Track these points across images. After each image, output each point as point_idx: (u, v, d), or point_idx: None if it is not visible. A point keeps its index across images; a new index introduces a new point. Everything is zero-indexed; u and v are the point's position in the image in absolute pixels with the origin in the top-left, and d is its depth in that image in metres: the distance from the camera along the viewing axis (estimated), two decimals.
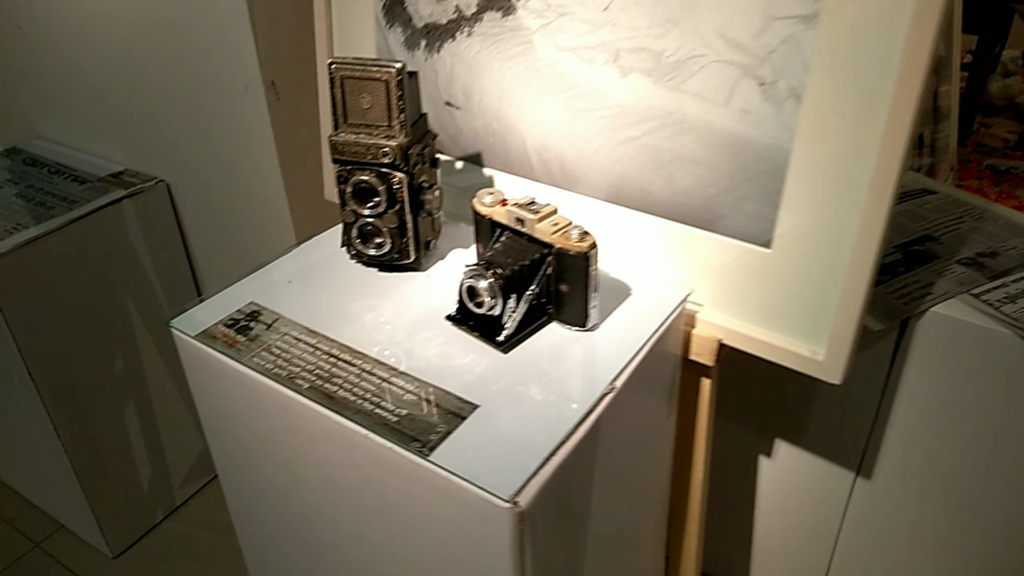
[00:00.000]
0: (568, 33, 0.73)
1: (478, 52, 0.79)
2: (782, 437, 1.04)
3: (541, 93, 0.77)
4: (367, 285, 0.73)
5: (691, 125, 0.69)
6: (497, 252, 0.65)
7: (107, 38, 1.10)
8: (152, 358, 1.23)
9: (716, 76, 0.66)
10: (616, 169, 0.75)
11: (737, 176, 0.68)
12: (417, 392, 0.60)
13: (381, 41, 0.86)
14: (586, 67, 0.73)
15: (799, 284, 0.69)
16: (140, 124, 1.16)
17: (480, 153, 0.84)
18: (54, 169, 1.21)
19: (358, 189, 0.68)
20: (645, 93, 0.71)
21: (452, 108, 0.84)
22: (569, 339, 0.66)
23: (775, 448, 1.06)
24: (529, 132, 0.79)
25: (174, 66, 1.05)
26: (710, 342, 0.73)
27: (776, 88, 0.64)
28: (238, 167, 1.08)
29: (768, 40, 0.63)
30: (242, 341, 0.65)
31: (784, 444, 1.05)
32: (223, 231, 1.17)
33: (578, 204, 0.78)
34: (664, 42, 0.68)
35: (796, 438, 1.03)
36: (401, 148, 0.66)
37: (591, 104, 0.74)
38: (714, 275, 0.73)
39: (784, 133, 0.65)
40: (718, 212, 0.71)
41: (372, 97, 0.66)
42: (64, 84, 1.21)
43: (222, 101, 1.03)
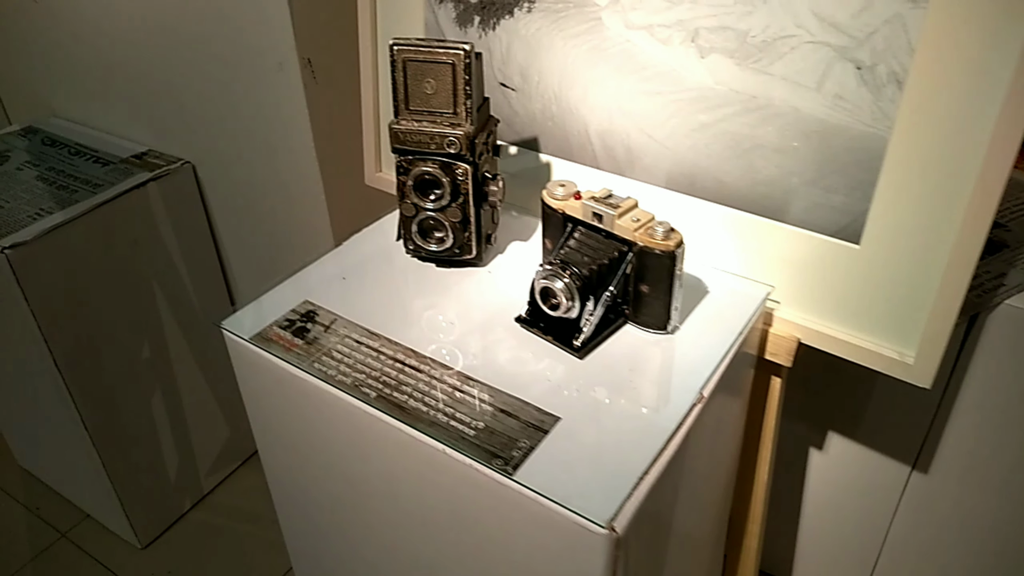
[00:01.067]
0: (641, 10, 0.68)
1: (538, 30, 0.74)
2: (835, 430, 1.00)
3: (608, 74, 0.72)
4: (426, 282, 0.69)
5: (777, 111, 0.64)
6: (572, 250, 0.60)
7: (128, 10, 1.04)
8: (179, 345, 1.19)
9: (808, 58, 0.61)
10: (689, 157, 0.70)
11: (826, 166, 0.64)
12: (493, 402, 0.56)
13: (430, 17, 0.80)
14: (660, 47, 0.68)
15: (889, 282, 0.64)
16: (163, 102, 1.11)
17: (536, 138, 0.79)
18: (74, 150, 1.16)
19: (420, 181, 0.64)
20: (726, 76, 0.66)
21: (507, 89, 0.79)
22: (648, 343, 0.62)
23: (827, 440, 1.02)
24: (592, 116, 0.74)
25: (201, 41, 0.99)
26: (788, 342, 0.69)
27: (875, 72, 0.59)
28: (269, 150, 1.03)
29: (869, 20, 0.58)
30: (300, 345, 0.61)
31: (837, 436, 1.01)
32: (252, 216, 1.12)
33: (645, 193, 0.73)
34: (750, 21, 0.63)
35: (850, 431, 0.99)
36: (467, 137, 0.62)
37: (664, 87, 0.69)
38: (794, 271, 0.68)
39: (882, 121, 0.60)
40: (802, 204, 0.66)
41: (437, 82, 0.61)
42: (82, 60, 1.16)
43: (253, 79, 0.98)
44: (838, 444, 1.01)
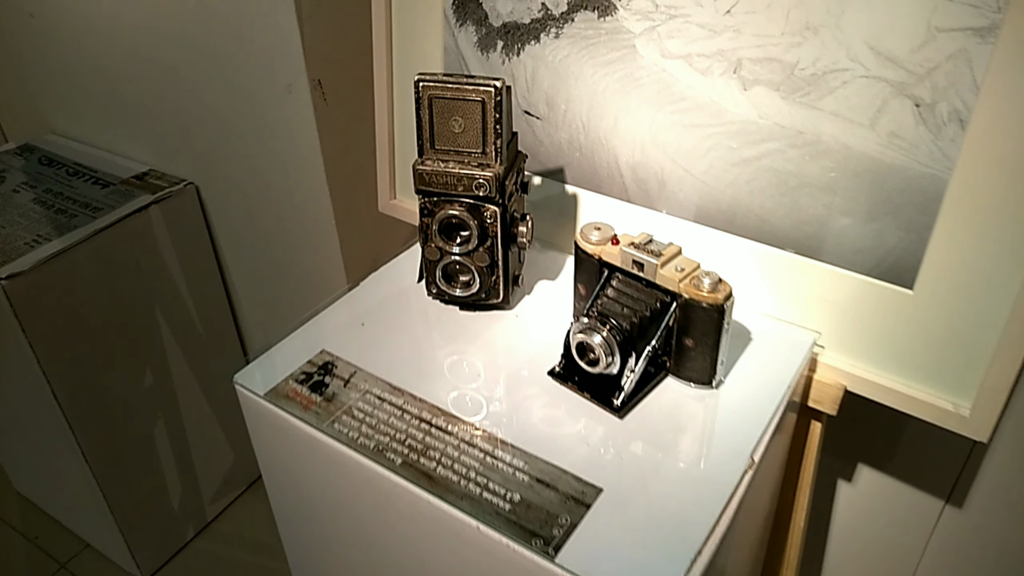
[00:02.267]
0: (679, 38, 0.64)
1: (566, 56, 0.70)
2: (865, 461, 0.97)
3: (641, 104, 0.68)
4: (449, 327, 0.65)
5: (826, 148, 0.60)
6: (610, 299, 0.56)
7: (129, 25, 1.00)
8: (182, 371, 1.15)
9: (861, 94, 0.57)
10: (729, 193, 0.66)
11: (878, 207, 0.60)
12: (528, 470, 0.52)
13: (449, 40, 0.76)
14: (699, 77, 0.64)
15: (945, 330, 0.60)
16: (165, 121, 1.06)
17: (563, 168, 0.75)
18: (72, 170, 1.12)
19: (446, 224, 0.59)
20: (771, 109, 0.61)
21: (532, 118, 0.74)
22: (691, 398, 0.58)
23: (857, 472, 0.99)
24: (623, 147, 0.70)
25: (206, 60, 0.95)
26: (834, 389, 0.65)
27: (935, 110, 0.55)
28: (277, 172, 0.99)
29: (930, 55, 0.54)
30: (318, 402, 0.57)
31: (867, 468, 0.98)
32: (258, 240, 1.08)
33: (679, 228, 0.69)
34: (799, 52, 0.59)
35: (882, 463, 0.95)
36: (497, 179, 0.58)
37: (702, 119, 0.65)
38: (841, 314, 0.64)
39: (941, 161, 0.56)
40: (852, 246, 0.62)
41: (465, 120, 0.57)
42: (81, 77, 1.11)
43: (261, 100, 0.94)
44: (868, 476, 0.98)
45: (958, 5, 0.52)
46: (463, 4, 0.74)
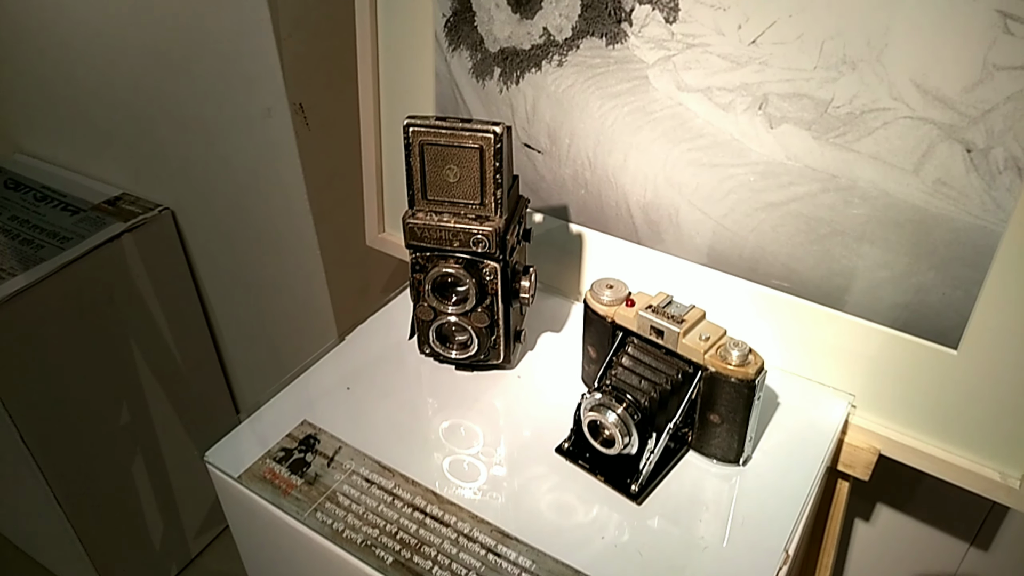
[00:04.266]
0: (698, 70, 0.57)
1: (571, 86, 0.64)
2: (886, 502, 0.91)
3: (654, 141, 0.61)
4: (445, 391, 0.58)
5: (863, 194, 0.54)
6: (625, 369, 0.50)
7: (100, 42, 0.93)
8: (160, 404, 1.08)
9: (905, 136, 0.51)
10: (751, 239, 0.60)
11: (921, 260, 0.54)
12: (536, 571, 0.46)
13: (441, 66, 0.70)
14: (720, 113, 0.58)
15: (992, 394, 0.55)
16: (139, 142, 0.99)
17: (566, 206, 0.69)
18: (40, 194, 1.05)
19: (440, 283, 0.53)
20: (800, 150, 0.55)
21: (532, 151, 0.68)
22: (716, 478, 0.52)
23: (876, 512, 0.93)
24: (633, 186, 0.64)
25: (181, 79, 0.88)
26: (867, 453, 0.60)
27: (989, 157, 0.49)
28: (258, 200, 0.92)
29: (986, 96, 0.48)
30: (299, 485, 0.51)
31: (887, 509, 0.92)
32: (239, 268, 1.01)
33: (696, 275, 0.63)
34: (833, 88, 0.53)
35: (902, 504, 0.90)
36: (497, 233, 0.51)
37: (723, 159, 0.59)
38: (876, 373, 0.59)
39: (995, 213, 0.50)
40: (890, 301, 0.56)
41: (461, 169, 0.51)
42: (50, 95, 1.04)
43: (240, 123, 0.87)
44: (887, 516, 0.92)
45: (1021, 41, 0.46)
46: (456, 27, 0.67)
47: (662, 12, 0.57)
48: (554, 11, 0.62)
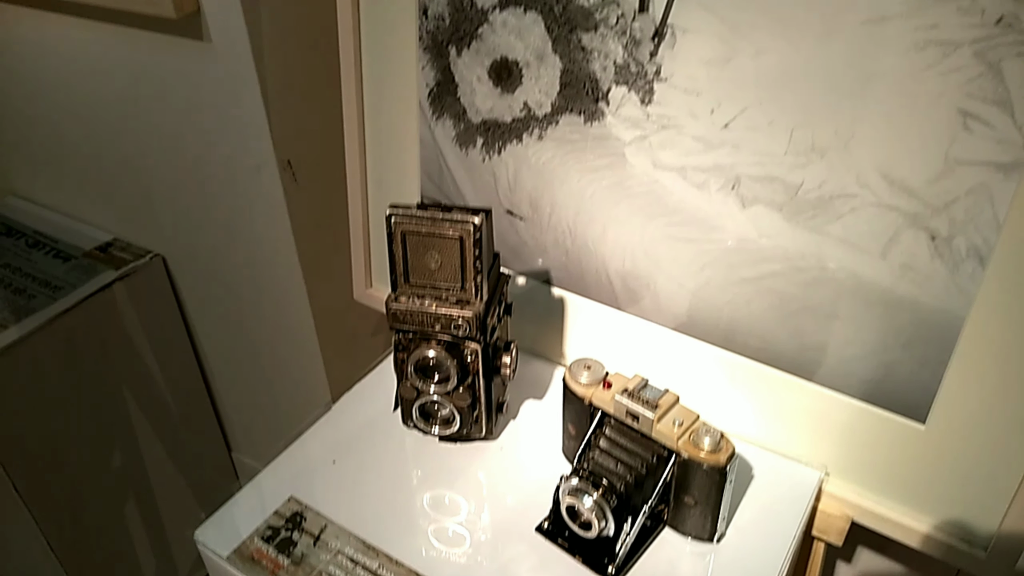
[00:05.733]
0: (672, 150, 0.59)
1: (551, 159, 0.65)
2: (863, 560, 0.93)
3: (631, 214, 0.63)
4: (429, 463, 0.60)
5: (832, 274, 0.56)
6: (602, 452, 0.52)
7: (92, 93, 0.94)
8: (153, 449, 1.09)
9: (872, 222, 0.53)
10: (727, 311, 0.62)
11: (889, 339, 0.55)
12: None
13: (426, 133, 0.71)
14: (694, 191, 0.59)
15: (959, 468, 0.56)
16: (130, 188, 1.01)
17: (548, 271, 0.70)
18: (32, 241, 1.06)
19: (422, 364, 0.55)
20: (772, 230, 0.57)
21: (515, 218, 0.70)
22: (692, 556, 0.53)
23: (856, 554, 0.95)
24: (612, 256, 0.66)
25: (171, 132, 0.90)
26: (840, 520, 0.61)
27: (952, 245, 0.51)
28: (248, 249, 0.93)
29: (949, 187, 0.50)
30: (286, 566, 0.52)
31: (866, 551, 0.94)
32: (231, 313, 1.02)
33: (674, 342, 0.65)
34: (803, 173, 0.54)
35: (878, 563, 0.91)
36: (478, 317, 0.53)
37: (697, 234, 0.60)
38: (848, 444, 0.60)
39: (958, 298, 0.52)
40: (860, 375, 0.58)
41: (442, 256, 0.52)
42: (44, 141, 1.05)
43: (230, 177, 0.88)
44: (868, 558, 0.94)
45: (979, 138, 0.48)
46: (439, 96, 0.69)
47: (637, 94, 0.59)
48: (534, 87, 0.63)
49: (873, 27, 0.48)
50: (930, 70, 0.48)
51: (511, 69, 0.64)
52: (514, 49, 0.63)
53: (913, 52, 0.48)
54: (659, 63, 0.57)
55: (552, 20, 0.60)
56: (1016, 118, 0.47)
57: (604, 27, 0.58)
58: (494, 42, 0.63)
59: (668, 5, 0.55)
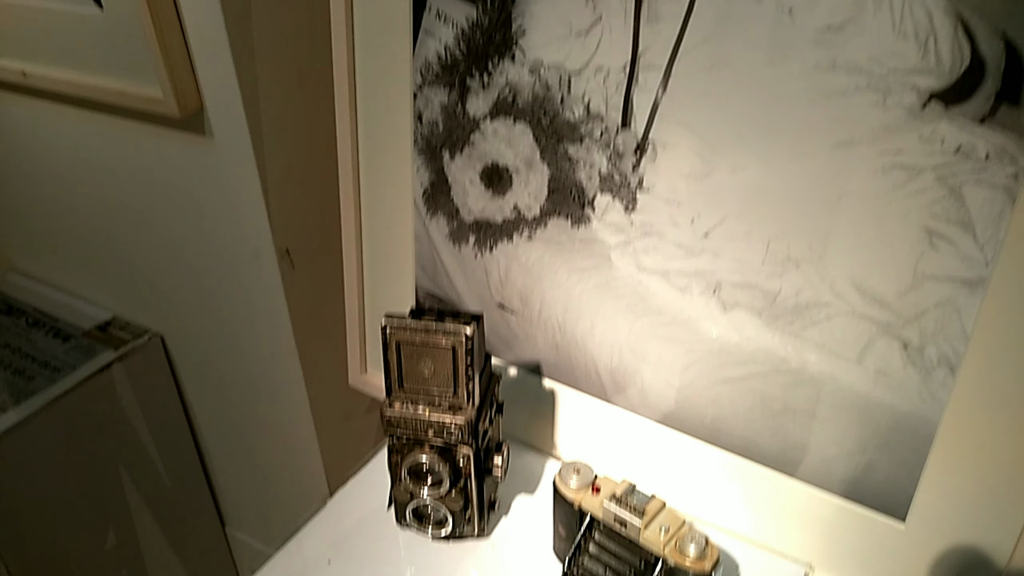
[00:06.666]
0: (655, 255, 0.62)
1: (540, 259, 0.68)
2: None
3: (618, 313, 0.65)
4: (421, 562, 0.61)
5: (811, 377, 0.58)
6: (591, 558, 0.53)
7: (97, 182, 0.97)
8: (149, 529, 1.10)
9: (846, 329, 0.55)
10: (711, 410, 0.63)
11: (868, 441, 0.57)
12: None
13: (420, 228, 0.74)
14: (677, 294, 0.62)
15: (941, 565, 0.58)
16: (131, 271, 1.03)
17: (539, 363, 0.72)
18: (32, 319, 1.08)
19: (416, 469, 0.56)
20: (753, 333, 0.59)
21: (506, 312, 0.72)
22: None
23: None
24: (600, 352, 0.68)
25: (172, 224, 0.92)
26: None
27: (924, 353, 0.53)
28: (245, 332, 0.95)
29: (918, 300, 0.52)
30: None
31: None
32: (228, 395, 1.04)
33: (662, 436, 0.66)
34: (780, 282, 0.57)
35: None
36: (470, 423, 0.55)
37: (682, 335, 0.63)
38: (832, 539, 0.62)
39: (931, 404, 0.54)
40: (841, 474, 0.59)
41: (435, 364, 0.54)
42: (46, 220, 1.08)
43: (228, 262, 0.91)
44: None
45: (945, 255, 0.50)
46: (433, 196, 0.72)
47: (621, 202, 0.61)
48: (523, 191, 0.66)
49: (842, 150, 0.51)
50: (897, 191, 0.51)
51: (501, 174, 0.67)
52: (504, 156, 0.66)
53: (880, 174, 0.51)
54: (641, 175, 0.60)
55: (540, 131, 0.63)
56: (978, 238, 0.49)
57: (589, 139, 0.61)
58: (485, 148, 0.66)
59: (649, 122, 0.58)
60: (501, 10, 0.60)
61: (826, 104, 0.51)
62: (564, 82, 0.60)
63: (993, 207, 0.48)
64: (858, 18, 0.48)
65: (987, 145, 0.47)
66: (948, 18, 0.46)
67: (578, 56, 0.59)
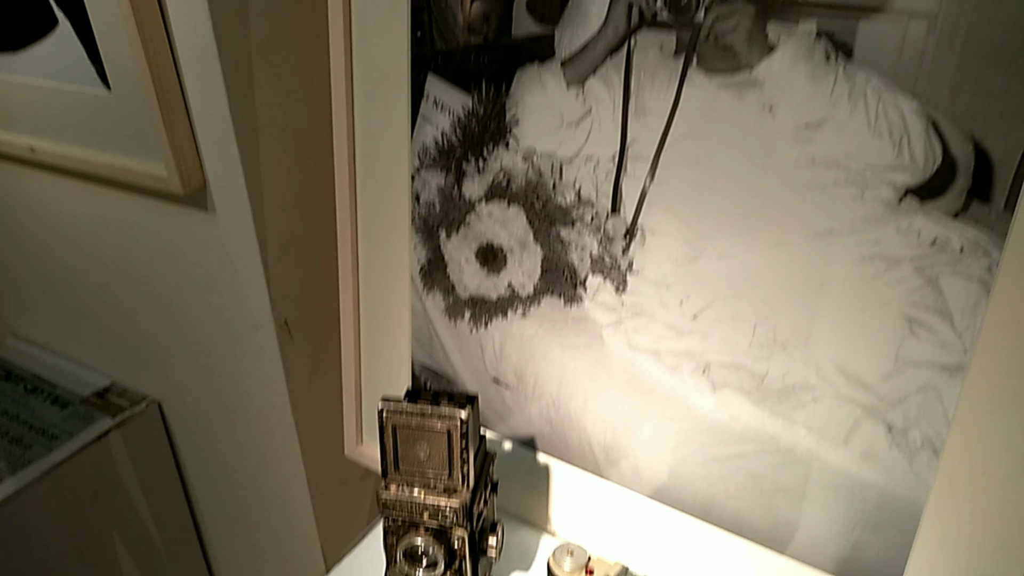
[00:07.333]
0: (646, 334, 0.63)
1: (534, 335, 0.69)
2: None
3: (610, 390, 0.67)
4: None
5: (799, 457, 0.59)
6: None
7: (98, 251, 0.99)
8: None
9: (833, 411, 0.57)
10: (703, 487, 0.64)
11: (856, 521, 0.58)
12: None
13: (417, 304, 0.75)
14: (667, 373, 0.63)
15: None
16: (130, 339, 1.04)
17: (533, 438, 0.73)
18: (31, 386, 1.08)
19: (411, 550, 0.57)
20: (741, 413, 0.61)
21: (501, 386, 0.73)
22: None
23: None
24: (594, 428, 0.69)
25: (172, 294, 0.94)
26: None
27: (908, 436, 0.54)
28: (243, 403, 0.96)
29: (900, 384, 0.54)
30: None
31: None
32: (224, 464, 1.04)
33: (656, 512, 0.67)
34: (767, 364, 0.58)
35: None
36: (464, 507, 0.55)
37: (673, 413, 0.64)
38: None
39: (917, 485, 0.55)
40: (831, 553, 0.60)
41: (431, 447, 0.55)
42: (45, 287, 1.09)
43: (227, 335, 0.92)
44: None
45: (925, 342, 0.52)
46: (430, 273, 0.73)
47: (612, 283, 0.63)
48: (517, 270, 0.68)
49: (823, 240, 0.53)
50: (877, 279, 0.53)
51: (496, 253, 0.69)
52: (499, 236, 0.68)
53: (860, 264, 0.53)
54: (631, 258, 0.61)
55: (533, 214, 0.65)
56: (956, 326, 0.51)
57: (580, 223, 0.63)
58: (480, 229, 0.68)
59: (637, 209, 0.60)
60: (496, 101, 0.63)
61: (807, 196, 0.53)
62: (556, 169, 0.62)
63: (969, 297, 0.50)
64: (835, 117, 0.51)
65: (961, 238, 0.49)
66: (920, 119, 0.48)
67: (569, 145, 0.61)
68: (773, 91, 0.52)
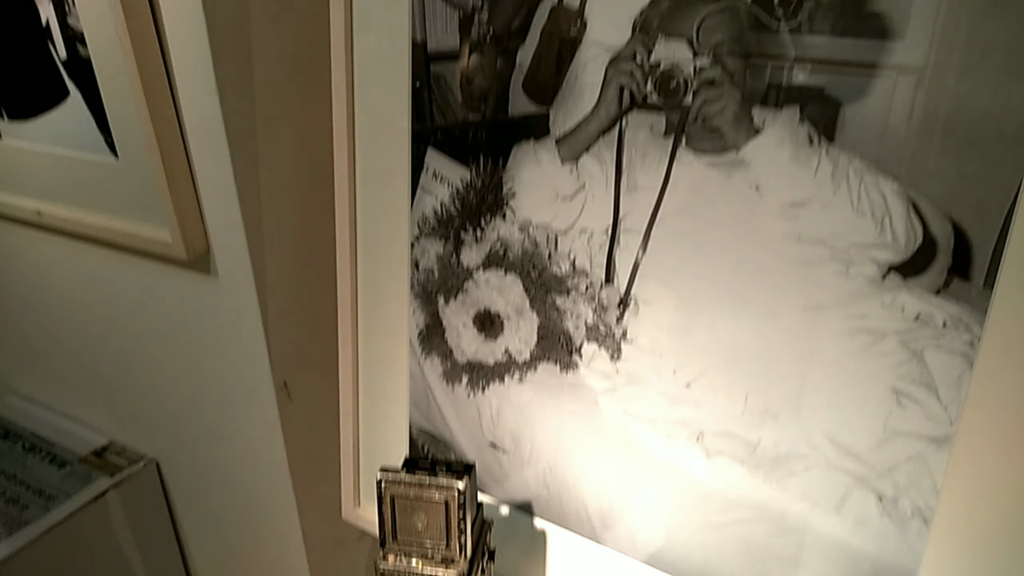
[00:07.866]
0: (640, 402, 0.64)
1: (530, 401, 0.70)
2: None
3: (607, 456, 0.68)
4: None
5: (792, 525, 0.60)
6: None
7: (98, 311, 1.00)
8: None
9: (824, 480, 0.58)
10: (699, 553, 0.65)
11: None
12: None
13: (415, 367, 0.77)
14: (662, 440, 0.64)
15: None
16: (129, 398, 1.05)
17: (530, 502, 0.74)
18: (29, 444, 1.09)
19: None
20: (736, 481, 0.61)
21: (498, 451, 0.74)
22: None
23: None
24: (591, 495, 0.69)
25: (172, 354, 0.95)
26: None
27: (898, 506, 0.55)
28: (241, 463, 0.97)
29: (889, 454, 0.55)
30: None
31: None
32: (221, 525, 1.04)
33: None
34: (760, 433, 0.59)
35: None
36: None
37: (668, 479, 0.65)
38: None
39: (908, 554, 0.56)
40: None
41: (428, 518, 0.56)
42: (45, 345, 1.10)
43: (226, 396, 0.93)
44: None
45: (912, 414, 0.53)
46: (428, 338, 0.75)
47: (607, 351, 0.65)
48: (514, 337, 0.69)
49: (811, 313, 0.55)
50: (864, 352, 0.54)
51: (493, 320, 0.70)
52: (496, 303, 0.69)
53: (848, 337, 0.54)
54: (625, 327, 0.63)
55: (529, 282, 0.67)
56: (941, 399, 0.52)
57: (575, 292, 0.65)
58: (478, 296, 0.70)
59: (631, 280, 0.62)
60: (493, 174, 0.65)
61: (794, 271, 0.55)
62: (551, 240, 0.64)
63: (953, 371, 0.51)
64: (820, 197, 0.53)
65: (943, 314, 0.51)
66: (900, 200, 0.50)
67: (564, 218, 0.63)
68: (759, 171, 0.54)
